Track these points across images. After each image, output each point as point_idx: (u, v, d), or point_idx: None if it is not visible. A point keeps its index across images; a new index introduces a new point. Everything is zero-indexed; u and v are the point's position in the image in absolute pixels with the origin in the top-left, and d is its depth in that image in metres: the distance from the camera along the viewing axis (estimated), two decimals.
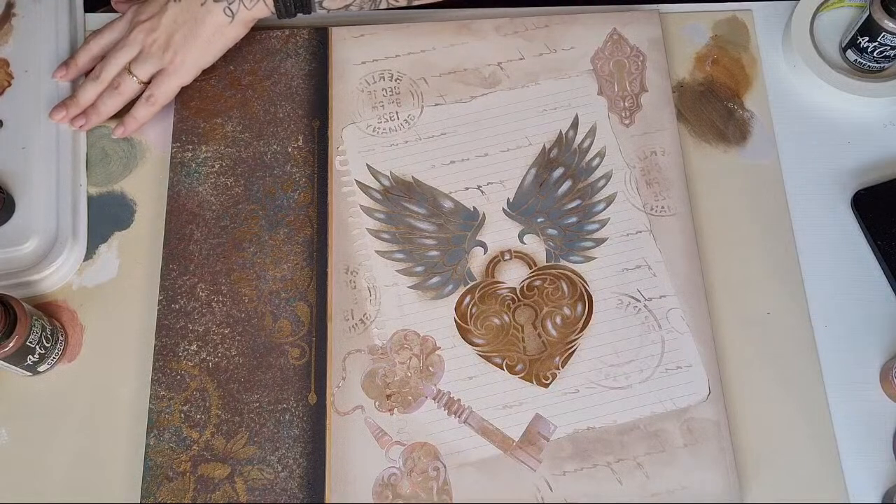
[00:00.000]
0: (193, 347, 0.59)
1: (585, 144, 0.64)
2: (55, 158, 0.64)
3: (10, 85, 0.67)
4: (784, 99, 0.67)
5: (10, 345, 0.54)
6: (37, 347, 0.56)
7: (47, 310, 0.61)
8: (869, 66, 0.66)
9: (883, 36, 0.63)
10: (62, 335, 0.60)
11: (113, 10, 0.70)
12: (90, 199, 0.64)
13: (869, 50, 0.65)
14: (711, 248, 0.62)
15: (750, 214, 0.63)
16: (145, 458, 0.56)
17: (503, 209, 0.62)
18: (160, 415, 0.57)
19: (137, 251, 0.63)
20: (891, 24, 0.62)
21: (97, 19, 0.71)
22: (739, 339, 0.59)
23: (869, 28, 0.63)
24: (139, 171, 0.65)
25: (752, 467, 0.56)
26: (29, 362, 0.57)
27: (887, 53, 0.64)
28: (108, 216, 0.64)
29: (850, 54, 0.67)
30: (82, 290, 0.62)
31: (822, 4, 0.69)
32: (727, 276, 0.61)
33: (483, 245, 0.62)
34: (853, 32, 0.65)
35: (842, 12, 0.69)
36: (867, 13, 0.63)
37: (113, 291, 0.62)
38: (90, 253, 0.63)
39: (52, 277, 0.61)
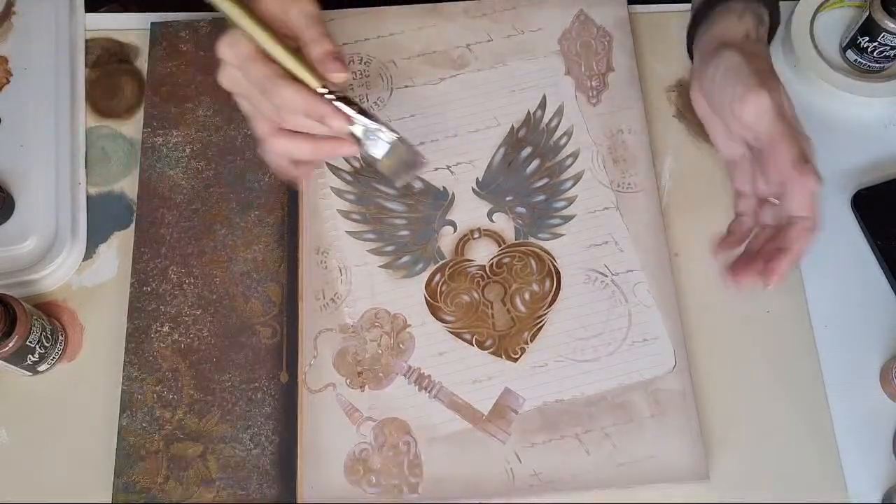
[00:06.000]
0: (165, 329, 0.59)
1: (553, 124, 0.65)
2: (54, 156, 0.64)
3: (8, 82, 0.67)
4: None
5: (10, 345, 0.54)
6: (37, 347, 0.56)
7: (47, 309, 0.61)
8: (869, 66, 0.66)
9: (883, 36, 0.63)
10: (62, 335, 0.60)
11: (112, 10, 0.70)
12: (90, 198, 0.65)
13: (869, 50, 0.65)
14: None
15: None
16: (118, 439, 0.56)
17: (472, 188, 0.63)
18: (133, 395, 0.57)
19: None
20: (891, 24, 0.62)
21: (98, 19, 0.71)
22: (738, 339, 0.59)
23: (869, 28, 0.63)
24: (139, 171, 0.65)
25: (752, 467, 0.56)
26: (29, 362, 0.57)
27: (887, 53, 0.64)
28: (107, 216, 0.64)
29: (850, 54, 0.67)
30: (82, 290, 0.62)
31: (822, 4, 0.68)
32: None
33: (453, 224, 0.62)
34: (853, 32, 0.65)
35: (842, 12, 0.69)
36: (867, 13, 0.63)
37: (113, 291, 0.62)
38: (90, 252, 0.63)
39: (51, 277, 0.61)
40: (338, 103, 0.49)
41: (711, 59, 0.53)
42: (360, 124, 0.49)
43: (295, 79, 0.49)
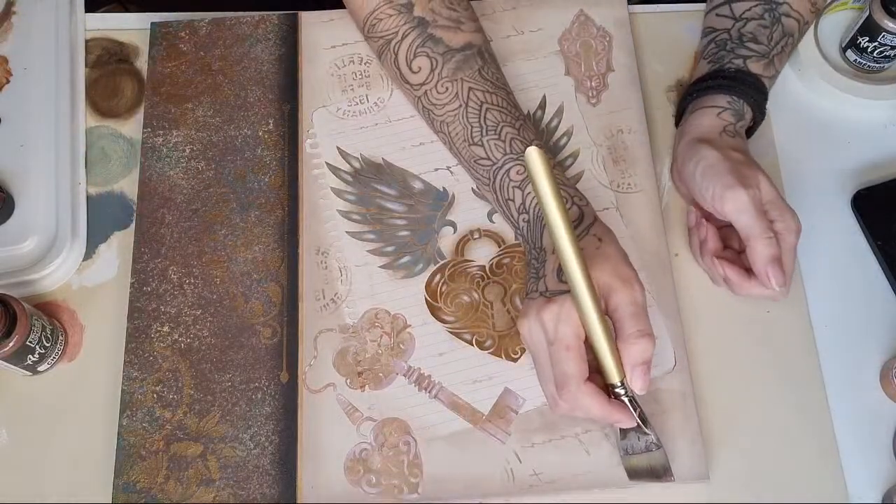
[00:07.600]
0: (165, 329, 0.59)
1: (553, 124, 0.65)
2: (54, 156, 0.64)
3: (8, 82, 0.67)
4: (784, 99, 0.67)
5: (10, 345, 0.54)
6: (37, 347, 0.56)
7: (47, 309, 0.61)
8: (869, 66, 0.66)
9: (883, 36, 0.63)
10: (62, 335, 0.60)
11: (112, 10, 0.70)
12: (90, 198, 0.64)
13: (869, 50, 0.65)
14: None
15: None
16: (118, 439, 0.56)
17: (472, 189, 0.63)
18: (133, 395, 0.57)
19: None
20: (891, 24, 0.62)
21: (98, 19, 0.71)
22: (738, 339, 0.59)
23: (869, 28, 0.63)
24: (139, 171, 0.64)
25: (752, 467, 0.56)
26: (29, 362, 0.57)
27: (887, 53, 0.64)
28: (107, 216, 0.64)
29: (850, 54, 0.67)
30: (82, 290, 0.62)
31: (826, 7, 0.68)
32: None
33: (453, 224, 0.62)
34: (853, 32, 0.65)
35: (845, 14, 0.69)
36: (867, 13, 0.63)
37: (113, 291, 0.62)
38: (90, 252, 0.63)
39: (51, 277, 0.61)
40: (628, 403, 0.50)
41: (690, 154, 0.57)
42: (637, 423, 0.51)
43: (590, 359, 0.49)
